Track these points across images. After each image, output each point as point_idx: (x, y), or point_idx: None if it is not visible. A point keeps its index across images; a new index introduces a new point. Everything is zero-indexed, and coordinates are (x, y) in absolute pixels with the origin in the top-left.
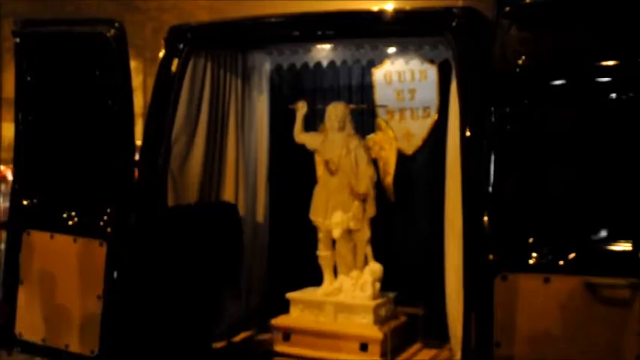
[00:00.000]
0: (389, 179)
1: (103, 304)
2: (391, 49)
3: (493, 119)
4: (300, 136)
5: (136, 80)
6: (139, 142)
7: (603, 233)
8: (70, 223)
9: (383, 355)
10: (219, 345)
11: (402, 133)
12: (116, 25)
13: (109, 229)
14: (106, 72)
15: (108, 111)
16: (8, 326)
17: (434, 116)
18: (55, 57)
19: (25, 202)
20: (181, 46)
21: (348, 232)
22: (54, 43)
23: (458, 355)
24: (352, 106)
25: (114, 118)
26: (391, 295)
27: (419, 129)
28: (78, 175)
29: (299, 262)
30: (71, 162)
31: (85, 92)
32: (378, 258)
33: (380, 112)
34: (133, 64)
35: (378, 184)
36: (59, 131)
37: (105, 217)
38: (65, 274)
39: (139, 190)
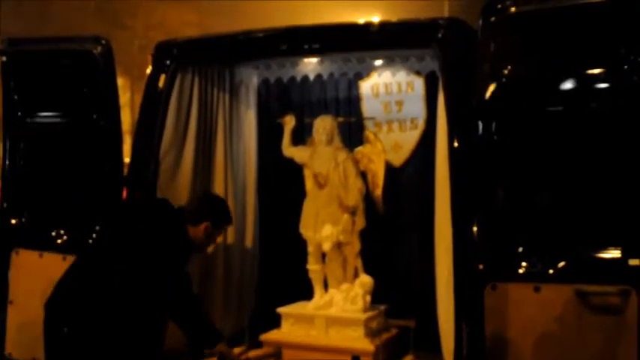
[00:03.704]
0: (378, 191)
1: None
2: (378, 62)
3: (481, 130)
4: (289, 150)
5: (124, 97)
6: (127, 159)
7: (592, 241)
8: (59, 241)
9: None
10: None
11: (390, 145)
12: (103, 42)
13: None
14: (93, 89)
15: (96, 128)
16: None
17: (421, 127)
18: (42, 75)
19: (13, 221)
20: (168, 62)
21: (338, 246)
22: (41, 61)
23: None
24: (340, 119)
25: (102, 136)
26: (382, 307)
27: (407, 141)
28: (66, 194)
29: (289, 277)
30: (59, 180)
31: (72, 110)
32: (368, 271)
33: (368, 124)
34: (121, 81)
35: (367, 197)
36: (47, 149)
37: (94, 235)
38: None
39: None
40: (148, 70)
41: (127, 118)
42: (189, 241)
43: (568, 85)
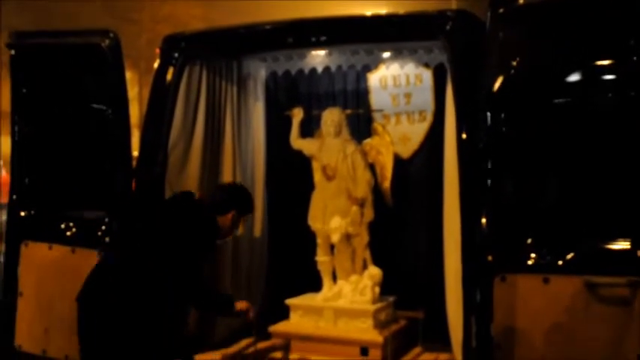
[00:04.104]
0: (386, 183)
1: None
2: (386, 54)
3: (489, 122)
4: (297, 142)
5: (132, 91)
6: (135, 153)
7: (601, 232)
8: (68, 233)
9: (383, 359)
10: (219, 353)
11: (398, 137)
12: (111, 35)
13: (107, 240)
14: (101, 82)
15: (104, 122)
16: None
17: (430, 120)
18: (50, 68)
19: (22, 214)
20: (176, 55)
21: (347, 237)
22: (49, 54)
23: (459, 357)
24: (348, 111)
25: (110, 129)
26: (391, 299)
27: (415, 133)
28: (75, 186)
29: (298, 268)
30: (68, 173)
31: (81, 103)
32: (376, 262)
33: (376, 116)
34: (129, 75)
35: (376, 189)
36: (56, 142)
37: (103, 228)
38: (64, 284)
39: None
40: (156, 64)
41: (135, 112)
42: (219, 230)
43: (577, 76)
